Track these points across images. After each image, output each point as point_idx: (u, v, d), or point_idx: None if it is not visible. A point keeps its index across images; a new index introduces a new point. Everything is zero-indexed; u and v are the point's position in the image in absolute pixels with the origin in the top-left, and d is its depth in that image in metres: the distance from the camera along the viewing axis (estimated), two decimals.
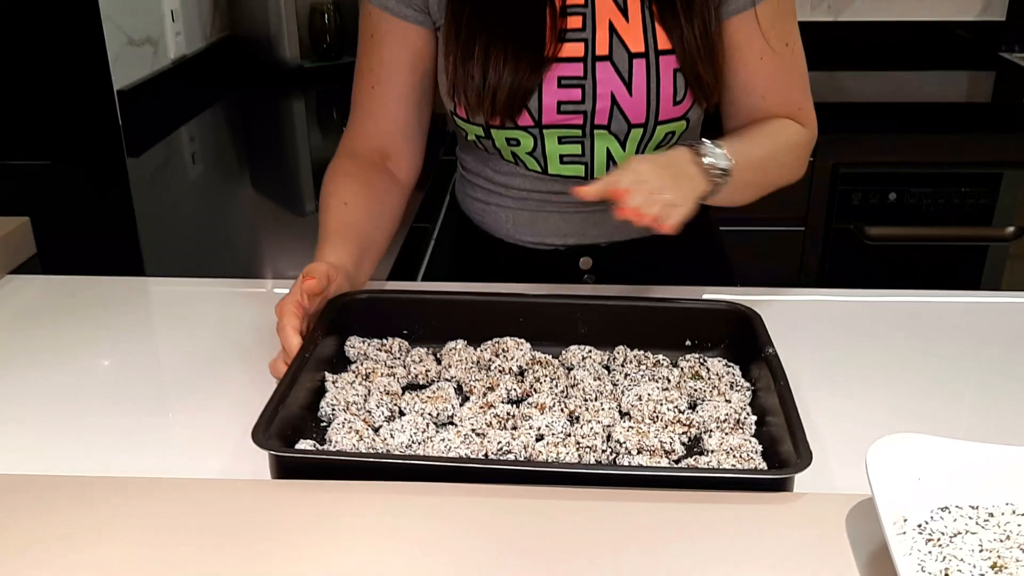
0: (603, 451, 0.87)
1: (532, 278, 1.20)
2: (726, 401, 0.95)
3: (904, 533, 0.67)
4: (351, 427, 0.88)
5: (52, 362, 1.05)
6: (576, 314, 1.05)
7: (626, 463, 0.84)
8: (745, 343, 1.02)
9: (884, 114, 2.34)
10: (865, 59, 2.69)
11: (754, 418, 0.92)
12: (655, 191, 0.94)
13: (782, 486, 0.78)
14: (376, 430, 0.91)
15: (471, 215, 1.29)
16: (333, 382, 0.97)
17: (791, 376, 0.90)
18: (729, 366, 1.01)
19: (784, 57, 1.15)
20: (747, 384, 0.98)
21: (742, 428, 0.91)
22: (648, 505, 0.75)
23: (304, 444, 0.86)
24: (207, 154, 2.32)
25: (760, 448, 0.88)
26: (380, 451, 0.87)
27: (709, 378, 0.98)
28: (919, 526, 0.68)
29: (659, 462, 0.84)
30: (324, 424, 0.93)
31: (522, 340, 1.04)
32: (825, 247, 2.26)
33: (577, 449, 0.86)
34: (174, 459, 0.88)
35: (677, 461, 0.87)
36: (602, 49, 1.11)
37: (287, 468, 0.80)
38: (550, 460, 0.85)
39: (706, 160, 1.02)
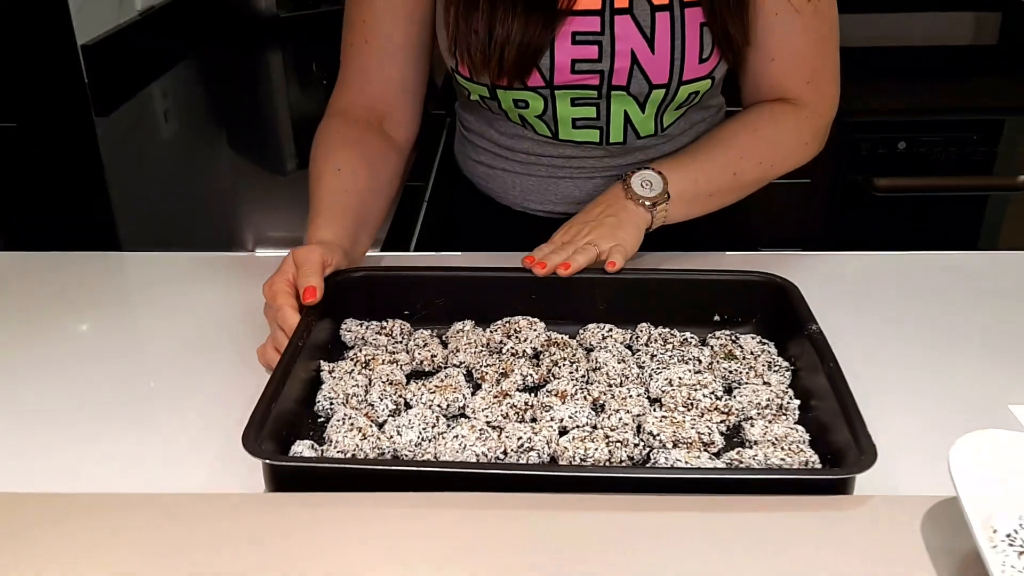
0: (635, 445, 0.78)
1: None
2: (765, 383, 0.86)
3: (995, 546, 0.59)
4: (352, 424, 0.79)
5: (13, 355, 0.95)
6: (594, 289, 0.96)
7: (663, 460, 0.75)
8: (780, 317, 0.93)
9: (887, 59, 2.23)
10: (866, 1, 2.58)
11: (797, 402, 0.83)
12: (576, 239, 0.97)
13: (844, 487, 0.70)
14: (380, 426, 0.81)
15: (474, 179, 1.18)
16: (330, 372, 0.87)
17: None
18: (764, 343, 0.92)
19: (805, 17, 1.04)
20: (785, 364, 0.89)
21: (785, 414, 0.82)
22: (694, 516, 0.67)
23: (301, 445, 0.76)
24: (180, 112, 2.20)
25: (807, 437, 0.79)
26: (387, 451, 0.78)
27: (744, 358, 0.90)
28: (1009, 536, 0.60)
29: (698, 456, 0.76)
30: (322, 420, 0.83)
31: (535, 319, 0.94)
32: (832, 200, 2.16)
33: (607, 444, 0.77)
34: (153, 469, 0.78)
35: (717, 454, 0.78)
36: (621, 1, 1.00)
37: (284, 477, 0.71)
38: (578, 457, 0.76)
39: (638, 192, 1.01)
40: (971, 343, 0.96)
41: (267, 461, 0.70)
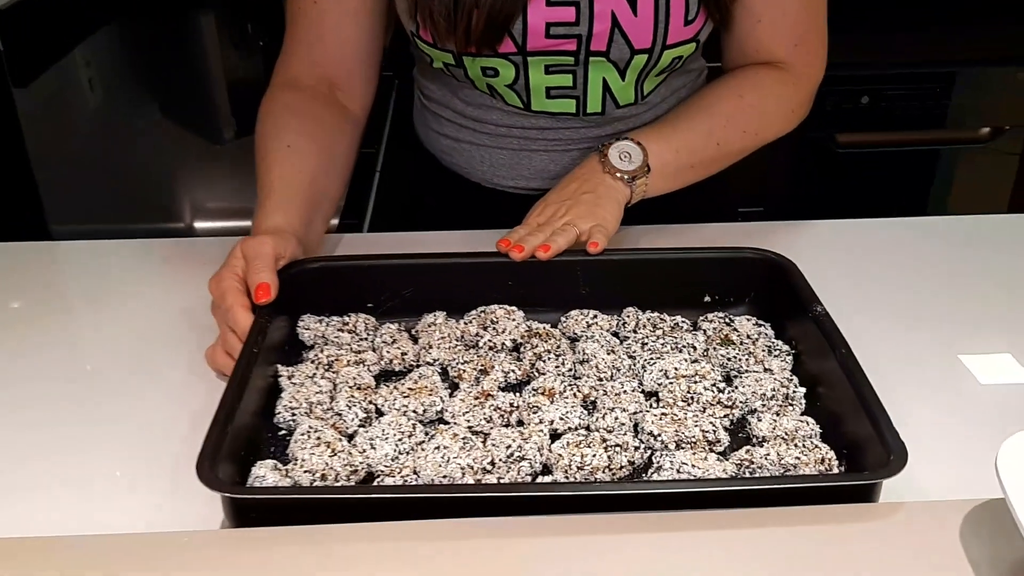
0: (635, 448, 0.71)
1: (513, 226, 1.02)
2: (766, 370, 0.79)
3: None
4: (319, 437, 0.70)
5: None
6: (575, 272, 0.88)
7: (667, 464, 0.68)
8: (776, 296, 0.86)
9: (851, 12, 2.17)
10: None
11: (803, 390, 0.77)
12: (553, 219, 0.90)
13: (870, 493, 0.63)
14: (351, 438, 0.73)
15: (436, 153, 1.09)
16: (289, 377, 0.79)
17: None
18: (760, 324, 0.85)
19: None
20: (786, 347, 0.82)
21: (792, 404, 0.76)
22: (711, 535, 0.60)
23: (263, 468, 0.68)
24: (106, 79, 2.05)
25: (819, 430, 0.73)
26: (360, 467, 0.69)
27: (741, 342, 0.83)
28: None
29: (705, 458, 0.69)
30: (283, 433, 0.75)
31: (513, 308, 0.86)
32: (795, 157, 2.10)
33: (604, 448, 0.70)
34: (86, 504, 0.68)
35: (724, 453, 0.72)
36: None
37: (247, 510, 0.62)
38: (574, 465, 0.68)
39: (616, 166, 0.93)
40: (982, 314, 0.90)
41: (228, 495, 0.61)
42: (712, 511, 0.61)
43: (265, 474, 0.66)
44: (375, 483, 0.68)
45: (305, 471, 0.68)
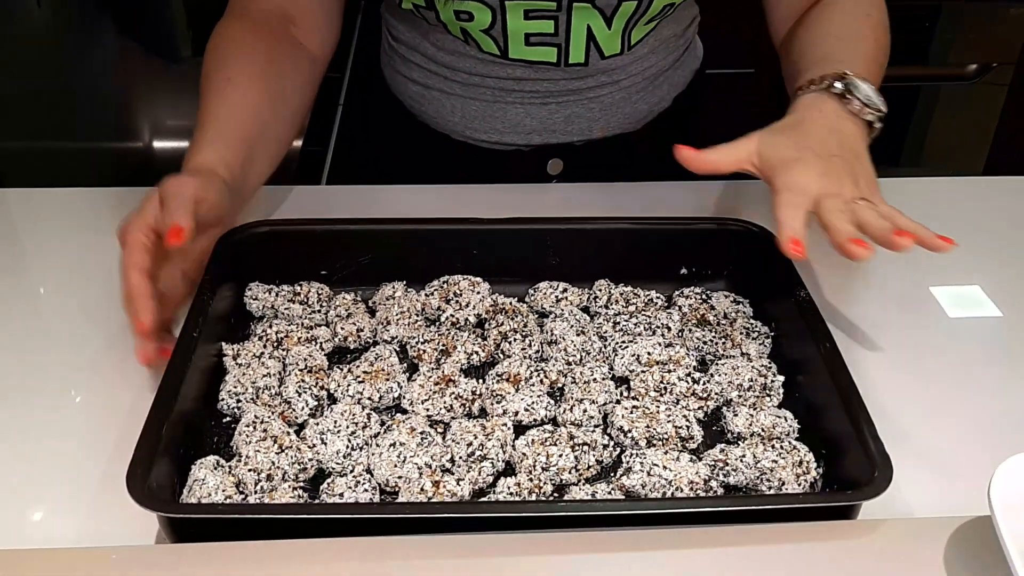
0: (604, 446, 0.67)
1: (485, 183, 0.96)
2: (743, 355, 0.75)
3: None
4: (265, 431, 0.65)
5: None
6: (545, 241, 0.82)
7: (637, 466, 0.64)
8: (756, 270, 0.81)
9: None
10: None
11: (781, 379, 0.73)
12: (847, 196, 0.70)
13: (848, 511, 0.60)
14: (299, 429, 0.68)
15: (404, 99, 1.00)
16: (234, 357, 0.73)
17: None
18: (738, 302, 0.81)
19: None
20: (764, 328, 0.78)
21: (770, 395, 0.72)
22: (680, 554, 0.56)
23: (203, 467, 0.63)
24: None
25: (796, 426, 0.69)
26: (309, 465, 0.65)
27: (718, 323, 0.78)
28: None
29: (677, 458, 0.65)
30: (228, 420, 0.70)
31: (478, 279, 0.81)
32: (777, 89, 2.03)
33: (572, 448, 0.65)
34: (9, 509, 0.62)
35: (696, 451, 0.68)
36: None
37: (183, 527, 0.58)
38: (539, 465, 0.64)
39: (877, 105, 0.77)
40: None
41: (162, 514, 0.56)
42: (681, 529, 0.57)
43: (205, 476, 0.62)
44: (325, 484, 0.63)
45: (250, 469, 0.63)
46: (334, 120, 1.41)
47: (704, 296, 0.81)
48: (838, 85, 0.77)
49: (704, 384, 0.71)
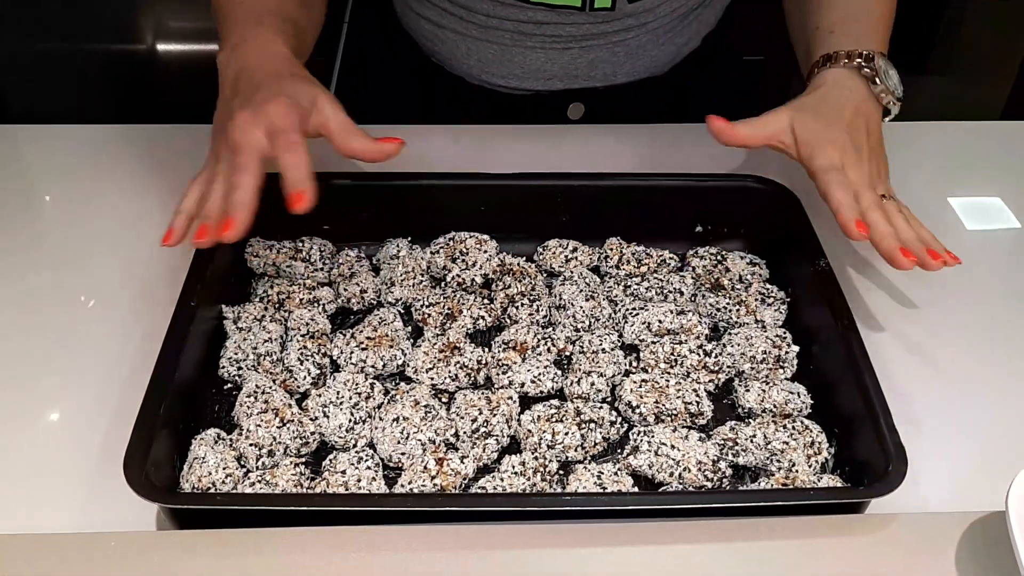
0: (611, 423, 0.65)
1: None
2: (758, 322, 0.73)
3: None
4: (267, 402, 0.64)
5: None
6: (555, 198, 0.79)
7: (644, 445, 0.63)
8: (774, 230, 0.78)
9: None
10: None
11: (796, 349, 0.71)
12: (876, 192, 0.70)
13: (857, 505, 0.59)
14: (301, 399, 0.67)
15: (417, 38, 0.95)
16: (235, 321, 0.71)
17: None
18: (755, 264, 0.78)
19: None
20: (780, 294, 0.75)
21: (783, 367, 0.70)
22: (689, 548, 0.55)
23: (203, 443, 0.62)
24: None
25: (809, 402, 0.67)
26: (311, 439, 0.63)
27: (732, 287, 0.76)
28: None
29: (686, 437, 0.63)
30: (229, 388, 0.68)
31: (484, 236, 0.78)
32: None
33: (578, 425, 0.64)
34: (7, 492, 0.60)
35: (705, 428, 0.66)
36: None
37: (181, 516, 0.57)
38: (544, 443, 0.63)
39: (896, 88, 0.75)
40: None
41: (162, 504, 0.55)
42: (688, 522, 0.56)
43: (205, 454, 0.60)
44: (327, 460, 0.62)
45: (251, 444, 0.62)
46: (339, 36, 1.35)
47: (719, 257, 0.78)
48: (867, 69, 0.74)
49: (716, 356, 0.70)
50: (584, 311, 0.73)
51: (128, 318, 0.73)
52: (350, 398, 0.65)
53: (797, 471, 0.62)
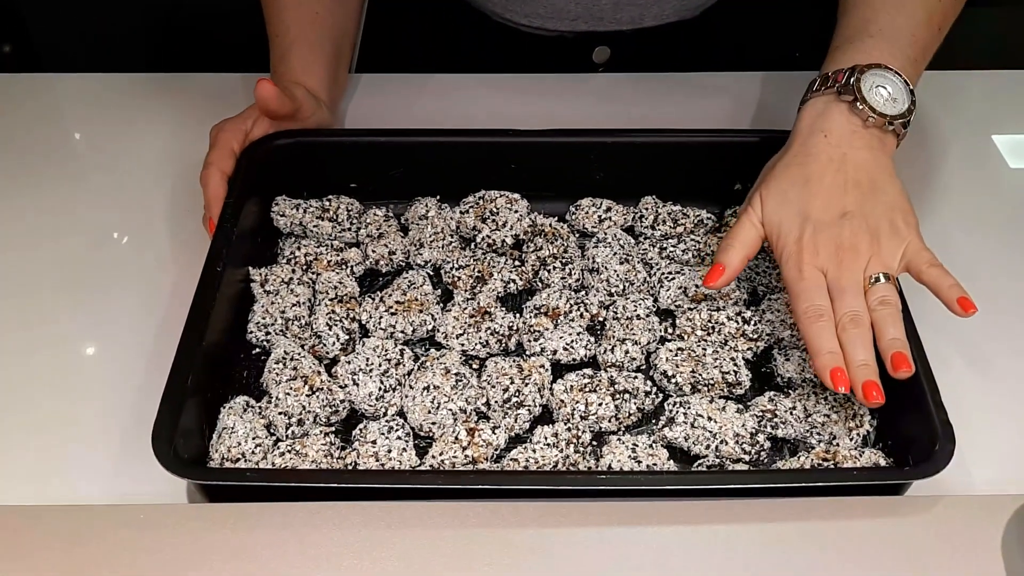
0: (646, 392, 0.64)
1: (525, 70, 0.89)
2: None
3: None
4: (295, 368, 0.63)
5: None
6: (589, 155, 0.76)
7: (681, 416, 0.61)
8: None
9: None
10: None
11: None
12: (841, 278, 0.60)
13: (898, 487, 0.57)
14: (331, 365, 0.66)
15: None
16: (262, 284, 0.70)
17: None
18: None
19: None
20: None
21: None
22: (724, 529, 0.54)
23: (232, 412, 0.61)
24: None
25: None
26: (341, 407, 0.63)
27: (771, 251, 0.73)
28: None
29: (723, 408, 0.62)
30: (257, 352, 0.67)
31: (516, 196, 0.76)
32: None
33: (612, 396, 0.63)
34: (37, 462, 0.60)
35: (743, 399, 0.65)
36: None
37: (211, 491, 0.56)
38: (577, 414, 0.62)
39: (882, 111, 0.63)
40: None
41: (193, 480, 0.54)
42: (726, 501, 0.55)
43: (234, 424, 0.60)
44: (357, 430, 0.61)
45: (280, 412, 0.61)
46: None
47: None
48: (846, 94, 0.63)
49: (755, 324, 0.68)
50: (618, 275, 0.71)
51: (158, 272, 0.72)
52: (380, 365, 0.64)
53: (838, 445, 0.61)
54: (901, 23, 0.67)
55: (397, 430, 0.61)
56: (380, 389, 0.63)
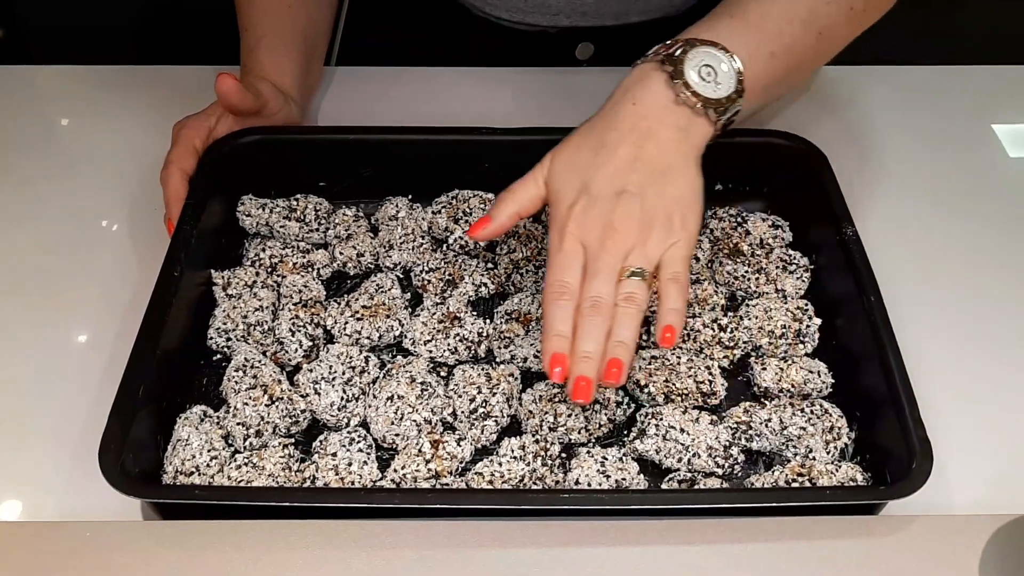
0: (617, 403, 0.62)
1: (507, 66, 0.87)
2: (777, 292, 0.69)
3: None
4: (255, 377, 0.61)
5: None
6: None
7: (652, 428, 0.59)
8: (799, 190, 0.73)
9: None
10: None
11: (818, 322, 0.66)
12: (599, 259, 0.55)
13: (873, 507, 0.55)
14: (292, 373, 0.64)
15: None
16: (224, 287, 0.68)
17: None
18: (777, 226, 0.73)
19: None
20: (804, 261, 0.71)
21: (803, 341, 0.66)
22: (698, 549, 0.52)
23: (188, 422, 0.59)
24: None
25: (830, 381, 0.63)
26: (302, 417, 0.61)
27: (752, 253, 0.71)
28: None
29: (696, 420, 0.60)
30: (219, 359, 0.65)
31: (489, 195, 0.74)
32: None
33: (582, 406, 0.60)
34: None
35: (716, 410, 0.63)
36: None
37: (161, 508, 0.54)
38: (546, 425, 0.60)
39: (700, 92, 0.58)
40: None
41: (148, 500, 0.52)
42: (701, 520, 0.53)
43: (189, 436, 0.58)
44: (318, 441, 0.59)
45: (239, 423, 0.59)
46: None
47: (739, 219, 0.73)
48: (668, 64, 0.59)
49: (732, 332, 0.65)
50: None
51: (116, 290, 0.70)
52: (343, 373, 0.62)
53: (814, 458, 0.59)
54: (774, 13, 0.62)
55: (359, 442, 0.59)
56: (342, 398, 0.61)
